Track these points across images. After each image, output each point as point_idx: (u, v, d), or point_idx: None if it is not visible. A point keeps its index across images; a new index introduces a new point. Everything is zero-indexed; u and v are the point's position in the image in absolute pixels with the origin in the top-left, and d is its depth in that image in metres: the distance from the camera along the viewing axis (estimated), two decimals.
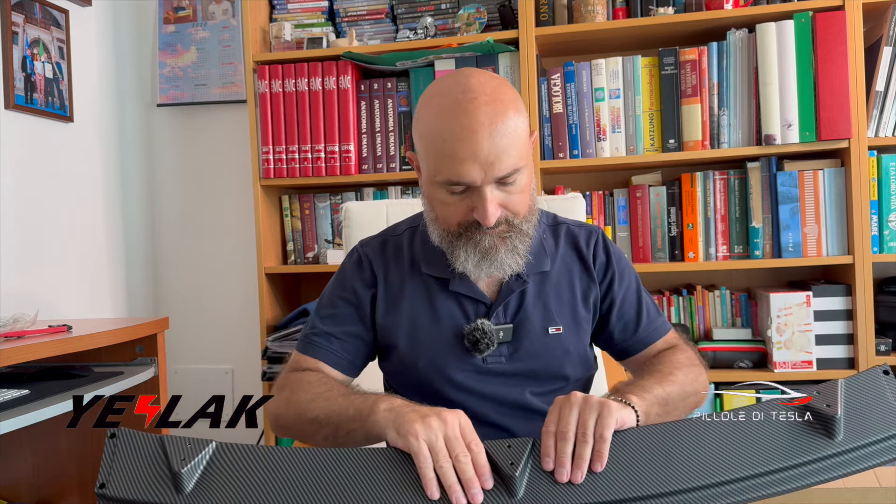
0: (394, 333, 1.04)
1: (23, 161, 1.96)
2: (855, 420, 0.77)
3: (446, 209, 0.95)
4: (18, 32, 1.94)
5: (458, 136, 0.89)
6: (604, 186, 2.13)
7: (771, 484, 0.73)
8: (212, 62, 2.39)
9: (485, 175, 0.89)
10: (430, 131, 0.92)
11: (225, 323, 2.46)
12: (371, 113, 2.12)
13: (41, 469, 1.75)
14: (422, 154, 0.96)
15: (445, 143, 0.90)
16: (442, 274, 1.02)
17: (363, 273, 1.07)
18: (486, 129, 0.88)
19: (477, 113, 0.89)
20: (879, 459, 0.78)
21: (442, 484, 0.72)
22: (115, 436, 0.76)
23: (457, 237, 0.97)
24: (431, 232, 1.01)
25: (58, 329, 1.52)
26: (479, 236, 0.95)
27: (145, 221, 2.49)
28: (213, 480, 0.73)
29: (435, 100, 0.93)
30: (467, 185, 0.91)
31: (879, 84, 1.88)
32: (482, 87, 0.91)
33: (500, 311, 1.02)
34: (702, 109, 1.93)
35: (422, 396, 1.03)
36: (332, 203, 2.21)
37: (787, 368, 1.89)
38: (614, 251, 1.11)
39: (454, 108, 0.90)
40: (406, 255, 1.07)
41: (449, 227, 0.97)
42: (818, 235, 1.90)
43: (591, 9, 1.97)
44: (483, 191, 0.91)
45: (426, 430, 0.76)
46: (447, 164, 0.90)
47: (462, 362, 1.01)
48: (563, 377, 1.05)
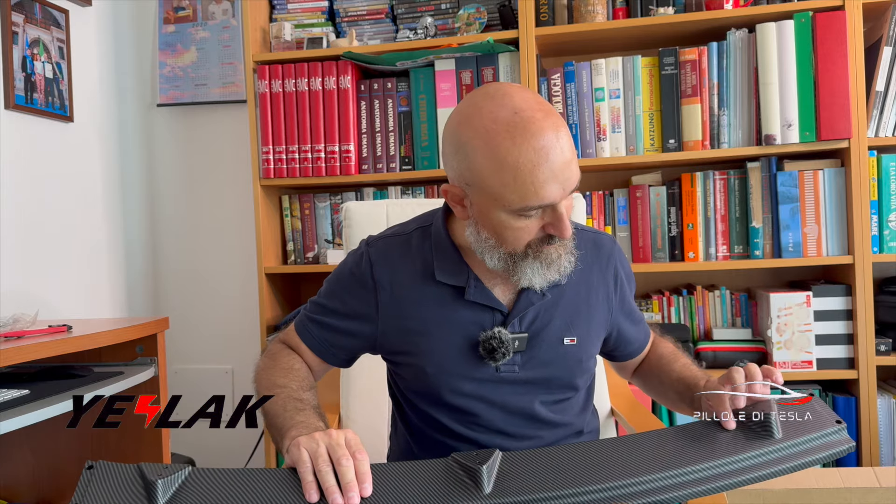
0: (402, 339, 1.03)
1: (23, 161, 1.96)
2: (789, 425, 0.88)
3: (518, 233, 0.92)
4: (18, 32, 1.94)
5: (534, 162, 0.85)
6: (604, 186, 2.13)
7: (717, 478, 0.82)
8: (212, 62, 2.39)
9: (563, 191, 0.88)
10: (496, 163, 0.87)
11: (225, 323, 2.46)
12: (371, 113, 2.12)
13: (41, 469, 1.75)
14: (480, 187, 0.90)
15: (521, 173, 0.85)
16: (458, 282, 1.01)
17: (364, 276, 1.05)
18: (555, 144, 0.86)
19: (543, 129, 0.86)
20: (815, 456, 0.86)
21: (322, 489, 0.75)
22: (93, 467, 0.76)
23: (523, 257, 0.94)
24: (489, 258, 0.96)
25: (58, 329, 1.52)
26: (548, 251, 0.93)
27: (145, 221, 2.49)
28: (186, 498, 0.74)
29: (485, 133, 0.87)
30: (548, 206, 0.89)
31: (879, 84, 1.88)
32: (528, 103, 0.88)
33: (516, 321, 1.01)
34: (702, 109, 1.93)
35: (429, 400, 1.04)
36: (332, 203, 2.21)
37: (787, 368, 1.89)
38: (625, 263, 1.13)
39: (520, 135, 0.85)
40: (417, 257, 1.04)
41: (517, 249, 0.93)
42: (818, 235, 1.90)
43: (591, 9, 1.97)
44: (559, 207, 0.89)
45: (308, 440, 0.79)
46: (526, 192, 0.86)
47: (474, 370, 1.01)
48: (573, 387, 1.05)
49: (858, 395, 1.86)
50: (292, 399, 0.94)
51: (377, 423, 1.49)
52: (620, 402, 1.47)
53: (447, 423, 1.03)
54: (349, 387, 1.51)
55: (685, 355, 1.13)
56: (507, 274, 0.96)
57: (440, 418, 1.04)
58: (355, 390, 1.50)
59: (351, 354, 1.10)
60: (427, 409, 1.05)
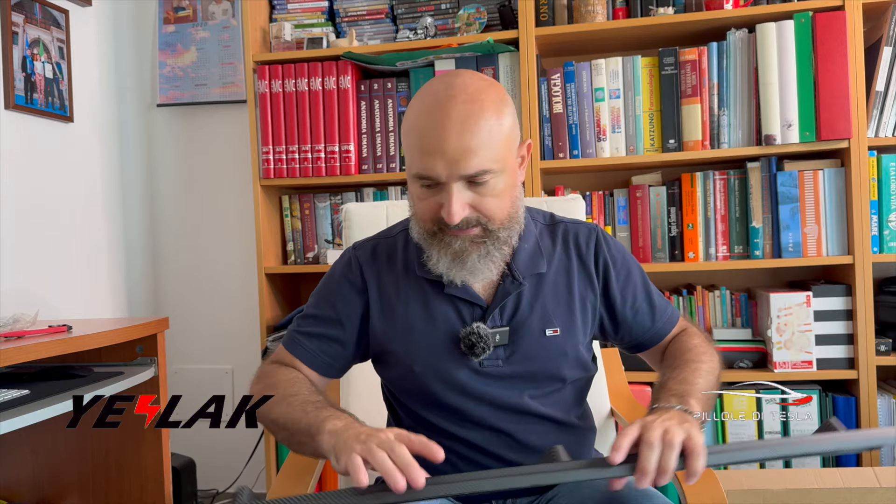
0: (389, 338, 1.04)
1: (23, 161, 1.96)
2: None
3: (420, 205, 0.96)
4: (18, 32, 1.94)
5: (428, 132, 0.90)
6: (604, 186, 2.13)
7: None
8: (212, 62, 2.39)
9: (450, 171, 0.90)
10: (409, 125, 0.94)
11: (225, 323, 2.46)
12: (371, 113, 2.12)
13: (41, 469, 1.75)
14: (404, 148, 0.98)
15: (418, 138, 0.92)
16: (437, 276, 1.01)
17: (353, 278, 1.06)
18: (456, 125, 0.89)
19: (451, 110, 0.90)
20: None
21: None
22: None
23: (431, 236, 0.97)
24: (412, 229, 1.02)
25: (58, 329, 1.52)
26: (450, 238, 0.96)
27: (145, 221, 2.49)
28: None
29: (421, 97, 0.95)
30: (434, 179, 0.92)
31: (879, 84, 1.88)
32: (465, 87, 0.92)
33: (496, 314, 1.01)
34: (702, 109, 1.93)
35: (419, 400, 1.04)
36: (332, 203, 2.21)
37: (787, 369, 1.89)
38: (615, 247, 1.09)
39: (432, 105, 0.92)
40: (400, 257, 1.06)
41: (424, 225, 0.98)
42: (818, 235, 1.90)
43: (591, 9, 1.97)
44: (449, 187, 0.91)
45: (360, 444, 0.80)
46: (417, 157, 0.92)
47: (459, 365, 1.00)
48: (560, 379, 1.04)
49: (858, 396, 1.86)
50: (308, 403, 0.93)
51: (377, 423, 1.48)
52: (620, 403, 1.47)
53: (438, 422, 1.03)
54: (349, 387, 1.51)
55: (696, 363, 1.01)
56: (425, 253, 0.99)
57: (431, 418, 1.03)
58: (355, 390, 1.50)
59: (344, 363, 1.09)
60: (418, 410, 1.04)
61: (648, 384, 1.96)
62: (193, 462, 2.15)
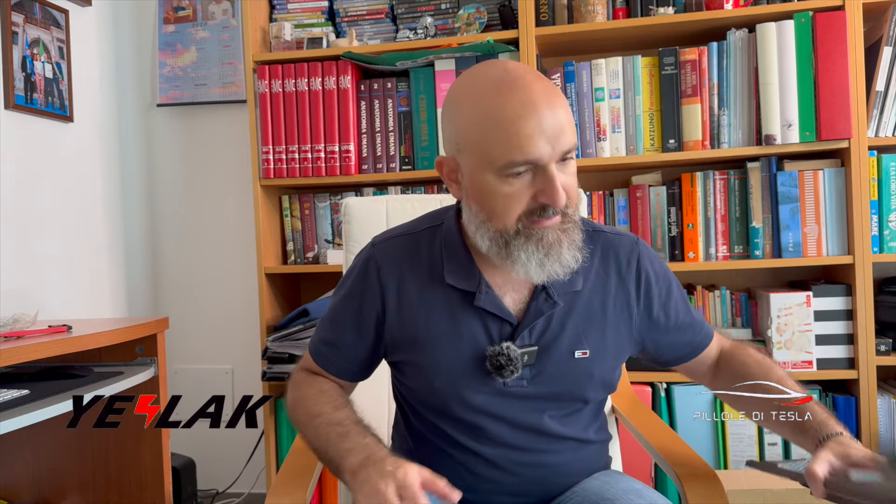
0: (409, 348, 0.99)
1: (22, 161, 1.96)
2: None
3: (506, 201, 0.86)
4: (18, 32, 1.94)
5: (518, 113, 0.83)
6: (604, 186, 2.13)
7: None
8: (212, 62, 2.39)
9: (552, 150, 0.84)
10: (481, 118, 0.85)
11: (225, 323, 2.46)
12: (371, 113, 2.12)
13: (41, 469, 1.75)
14: (468, 148, 0.88)
15: (505, 123, 0.83)
16: (467, 287, 0.95)
17: (370, 280, 1.01)
18: (545, 101, 0.84)
19: (531, 89, 0.84)
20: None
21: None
22: None
23: (515, 237, 0.88)
24: (480, 238, 0.91)
25: (58, 329, 1.52)
26: (542, 231, 0.87)
27: (145, 221, 2.49)
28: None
29: (474, 90, 0.87)
30: (534, 163, 0.84)
31: (879, 84, 1.88)
32: (522, 67, 0.88)
33: (525, 333, 0.95)
34: (702, 109, 1.93)
35: (435, 412, 1.01)
36: (332, 203, 2.21)
37: (788, 368, 1.88)
38: (656, 263, 1.04)
39: (506, 88, 0.84)
40: (425, 258, 0.99)
41: (507, 224, 0.88)
42: (818, 235, 1.90)
43: (591, 9, 1.97)
44: (550, 168, 0.85)
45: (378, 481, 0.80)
46: (510, 144, 0.83)
47: (481, 384, 0.96)
48: (584, 400, 1.01)
49: (858, 396, 1.86)
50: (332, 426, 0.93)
51: (378, 423, 1.48)
52: (621, 401, 1.47)
53: (452, 434, 0.99)
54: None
55: (790, 379, 1.00)
56: (501, 261, 0.90)
57: (445, 429, 1.00)
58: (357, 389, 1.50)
59: (366, 367, 1.07)
60: (432, 418, 1.01)
61: (648, 384, 1.96)
62: (193, 462, 2.15)
